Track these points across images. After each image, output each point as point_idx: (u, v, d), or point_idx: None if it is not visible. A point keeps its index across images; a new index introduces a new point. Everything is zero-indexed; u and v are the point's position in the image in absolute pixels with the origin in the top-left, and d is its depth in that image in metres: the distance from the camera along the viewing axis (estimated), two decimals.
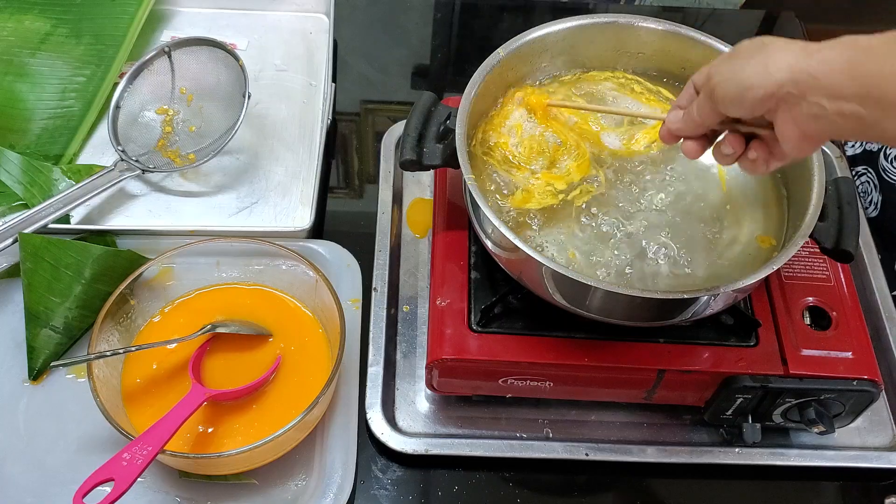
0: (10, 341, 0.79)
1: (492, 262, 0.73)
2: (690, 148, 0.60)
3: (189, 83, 0.93)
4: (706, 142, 0.60)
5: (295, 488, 0.72)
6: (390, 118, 1.02)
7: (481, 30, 1.15)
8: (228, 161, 0.94)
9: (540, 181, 0.71)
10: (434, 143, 0.72)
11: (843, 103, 0.47)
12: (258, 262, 0.79)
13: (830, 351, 0.72)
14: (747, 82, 0.52)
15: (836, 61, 0.48)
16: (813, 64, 0.48)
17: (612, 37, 0.79)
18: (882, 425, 0.80)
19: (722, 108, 0.54)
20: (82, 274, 0.77)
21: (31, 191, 0.87)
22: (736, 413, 0.74)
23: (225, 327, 0.76)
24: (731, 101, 0.53)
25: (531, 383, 0.73)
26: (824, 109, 0.48)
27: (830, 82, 0.48)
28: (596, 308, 0.66)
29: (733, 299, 0.68)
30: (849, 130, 0.49)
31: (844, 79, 0.47)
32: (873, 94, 0.46)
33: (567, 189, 0.71)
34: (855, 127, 0.48)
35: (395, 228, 0.89)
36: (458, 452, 0.75)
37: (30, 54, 0.99)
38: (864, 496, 0.77)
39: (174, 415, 0.66)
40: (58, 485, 0.71)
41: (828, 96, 0.48)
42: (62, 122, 0.95)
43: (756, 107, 0.52)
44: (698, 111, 0.57)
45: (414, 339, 0.82)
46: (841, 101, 0.47)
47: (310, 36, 1.08)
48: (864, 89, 0.47)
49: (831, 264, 0.77)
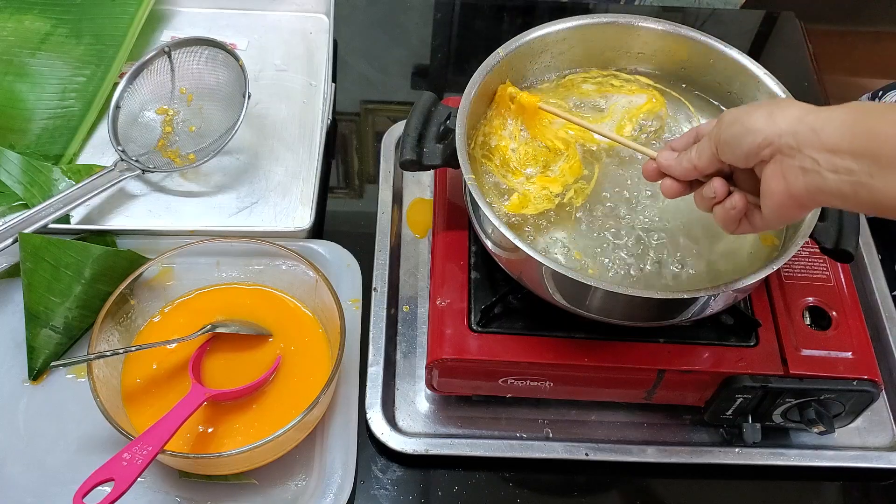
0: (10, 341, 0.79)
1: (492, 262, 0.73)
2: (671, 188, 0.61)
3: (189, 83, 0.93)
4: (687, 186, 0.61)
5: (295, 488, 0.72)
6: (390, 118, 1.02)
7: (481, 30, 1.15)
8: (228, 161, 0.94)
9: (535, 185, 0.71)
10: (434, 143, 0.72)
11: (838, 158, 0.48)
12: (258, 262, 0.79)
13: (830, 351, 0.72)
14: (750, 126, 0.53)
15: (839, 118, 0.49)
16: (817, 118, 0.49)
17: (612, 37, 0.79)
18: (882, 425, 0.80)
19: (721, 150, 0.55)
20: (82, 274, 0.77)
21: (31, 191, 0.87)
22: (736, 413, 0.74)
23: (225, 327, 0.76)
24: (731, 144, 0.54)
25: (531, 383, 0.73)
26: (817, 164, 0.49)
27: (829, 136, 0.48)
28: (596, 308, 0.66)
29: (733, 299, 0.68)
30: (835, 190, 0.49)
31: (844, 133, 0.48)
32: (870, 148, 0.46)
33: (563, 192, 0.71)
34: (843, 186, 0.48)
35: (395, 228, 0.89)
36: (458, 452, 0.75)
37: (30, 54, 0.99)
38: (864, 496, 0.77)
39: (174, 415, 0.66)
40: (58, 485, 0.71)
41: (824, 150, 0.48)
42: (62, 122, 0.95)
43: (752, 152, 0.53)
44: (698, 153, 0.58)
45: (414, 339, 0.82)
46: (836, 156, 0.48)
47: (310, 36, 1.08)
48: (861, 144, 0.47)
49: (831, 264, 0.77)
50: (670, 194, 0.61)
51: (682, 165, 0.59)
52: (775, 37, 1.17)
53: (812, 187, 0.50)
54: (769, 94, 0.74)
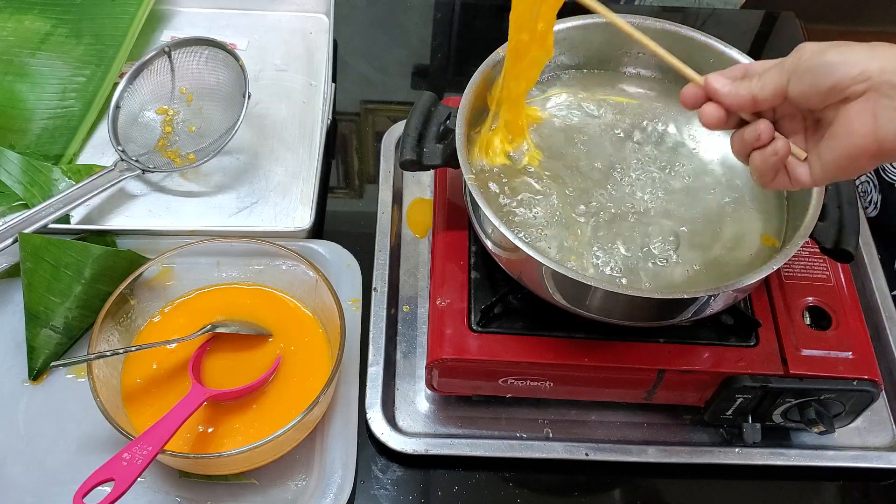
0: (10, 341, 0.79)
1: (492, 262, 0.73)
2: (713, 116, 0.55)
3: (189, 83, 0.93)
4: (730, 120, 0.55)
5: (295, 488, 0.72)
6: (390, 118, 1.02)
7: (481, 30, 1.15)
8: (228, 161, 0.94)
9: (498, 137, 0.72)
10: (434, 143, 0.72)
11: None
12: (258, 262, 0.79)
13: (830, 351, 0.72)
14: (847, 57, 0.48)
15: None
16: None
17: (612, 37, 0.79)
18: (882, 425, 0.80)
19: (797, 80, 0.51)
20: (82, 274, 0.77)
21: (31, 191, 0.87)
22: (736, 413, 0.74)
23: (225, 327, 0.76)
24: (815, 73, 0.49)
25: (531, 383, 0.73)
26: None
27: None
28: (596, 308, 0.66)
29: (733, 299, 0.68)
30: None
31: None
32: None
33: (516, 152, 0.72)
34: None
35: (395, 228, 0.89)
36: (458, 452, 0.75)
37: (30, 54, 0.99)
38: (864, 496, 0.77)
39: (174, 415, 0.66)
40: (58, 485, 0.71)
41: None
42: (62, 122, 0.95)
43: (840, 86, 0.48)
44: (761, 82, 0.53)
45: (414, 339, 0.82)
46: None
47: (310, 36, 1.08)
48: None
49: (831, 264, 0.77)
50: (712, 123, 0.55)
51: (738, 92, 0.53)
52: (775, 37, 1.17)
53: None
54: None
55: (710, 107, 0.55)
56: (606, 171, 0.74)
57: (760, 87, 0.53)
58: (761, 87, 0.53)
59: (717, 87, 0.54)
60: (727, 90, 0.54)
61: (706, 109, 0.55)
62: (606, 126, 0.78)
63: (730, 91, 0.54)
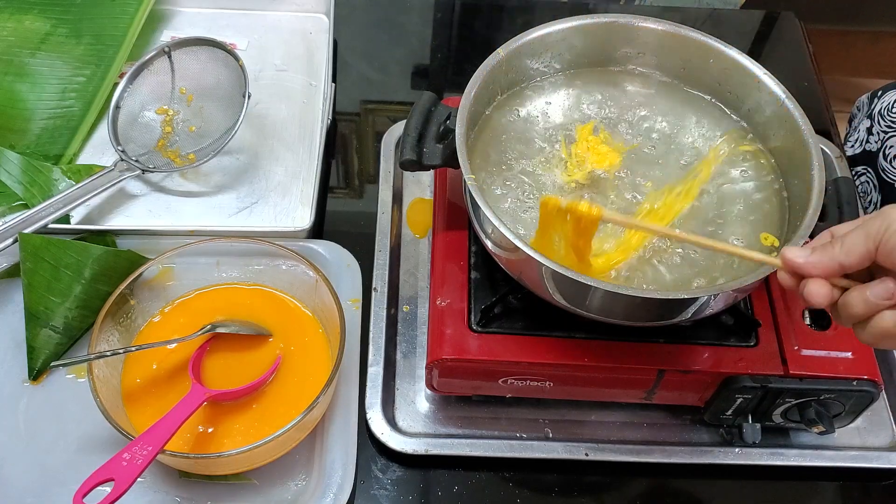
0: (10, 341, 0.79)
1: (492, 262, 0.73)
2: (820, 293, 0.52)
3: (189, 83, 0.93)
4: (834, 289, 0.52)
5: (295, 488, 0.72)
6: (390, 118, 1.02)
7: (481, 30, 1.15)
8: (228, 161, 0.94)
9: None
10: (434, 143, 0.72)
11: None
12: (258, 262, 0.79)
13: (830, 351, 0.72)
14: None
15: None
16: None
17: (612, 37, 0.79)
18: (882, 425, 0.80)
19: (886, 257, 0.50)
20: (82, 274, 0.77)
21: (31, 191, 0.87)
22: (736, 413, 0.74)
23: (225, 327, 0.76)
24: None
25: (531, 383, 0.73)
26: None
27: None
28: (596, 308, 0.66)
29: (733, 299, 0.68)
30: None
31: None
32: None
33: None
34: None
35: (395, 228, 0.89)
36: (458, 452, 0.75)
37: (30, 54, 0.99)
38: (864, 496, 0.77)
39: (174, 415, 0.66)
40: (58, 485, 0.71)
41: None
42: (62, 122, 0.95)
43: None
44: (845, 249, 0.51)
45: (414, 339, 0.82)
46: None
47: (310, 36, 1.08)
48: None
49: None
50: (823, 300, 0.52)
51: (822, 263, 0.51)
52: (775, 37, 1.17)
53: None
54: (769, 93, 0.74)
55: (815, 286, 0.52)
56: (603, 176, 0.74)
57: (845, 255, 0.51)
58: (846, 255, 0.51)
59: (795, 261, 0.53)
60: (810, 260, 0.52)
61: (811, 290, 0.52)
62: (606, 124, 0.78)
63: (813, 262, 0.52)
